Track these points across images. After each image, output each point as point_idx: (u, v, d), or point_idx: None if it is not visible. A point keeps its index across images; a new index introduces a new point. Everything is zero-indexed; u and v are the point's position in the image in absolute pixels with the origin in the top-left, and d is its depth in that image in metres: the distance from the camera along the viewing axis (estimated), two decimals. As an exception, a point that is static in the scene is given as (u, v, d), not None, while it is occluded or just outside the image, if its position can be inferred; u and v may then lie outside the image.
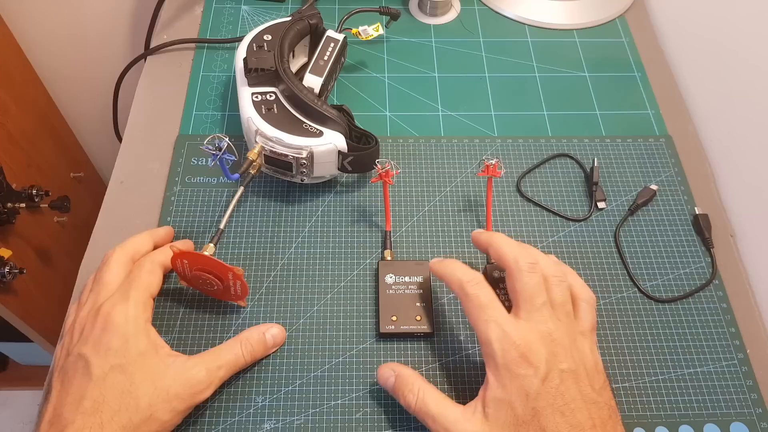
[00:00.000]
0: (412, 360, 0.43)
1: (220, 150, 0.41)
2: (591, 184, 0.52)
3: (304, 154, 0.46)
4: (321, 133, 0.46)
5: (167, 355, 0.39)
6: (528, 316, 0.36)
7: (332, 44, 0.55)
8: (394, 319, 0.44)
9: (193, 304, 0.45)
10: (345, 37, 0.56)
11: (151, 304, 0.41)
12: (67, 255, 0.96)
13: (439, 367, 0.43)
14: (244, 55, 0.50)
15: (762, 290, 0.47)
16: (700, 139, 0.56)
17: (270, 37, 0.52)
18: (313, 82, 0.52)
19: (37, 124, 0.90)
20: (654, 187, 0.52)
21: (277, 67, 0.49)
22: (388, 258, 0.47)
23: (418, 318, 0.44)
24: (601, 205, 0.51)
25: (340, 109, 0.48)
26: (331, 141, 0.46)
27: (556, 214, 0.51)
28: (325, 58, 0.54)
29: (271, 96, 0.49)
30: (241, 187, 0.46)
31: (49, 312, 0.90)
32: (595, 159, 0.53)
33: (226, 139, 0.41)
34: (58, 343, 0.42)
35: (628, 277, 0.48)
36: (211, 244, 0.43)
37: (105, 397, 0.35)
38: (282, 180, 0.51)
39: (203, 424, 0.40)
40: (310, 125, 0.47)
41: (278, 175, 0.50)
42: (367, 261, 0.48)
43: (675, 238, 0.50)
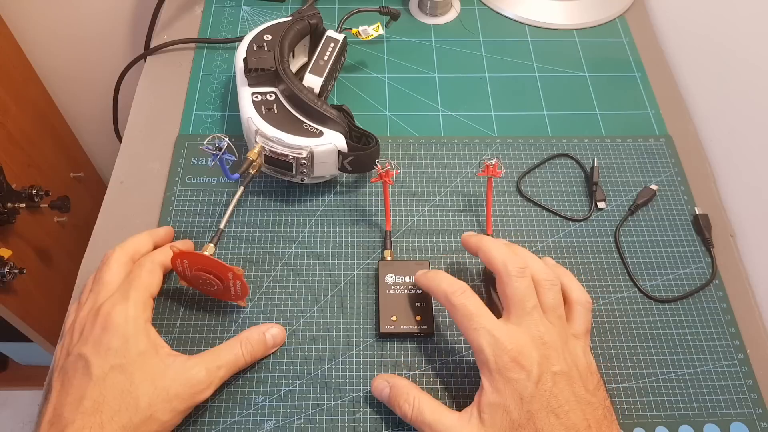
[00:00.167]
0: (411, 360, 0.43)
1: (220, 150, 0.41)
2: (591, 184, 0.52)
3: (304, 154, 0.46)
4: (321, 133, 0.46)
5: (167, 355, 0.39)
6: (519, 321, 0.37)
7: (332, 44, 0.55)
8: (394, 319, 0.44)
9: (193, 304, 0.45)
10: (345, 37, 0.56)
11: (151, 304, 0.41)
12: (67, 255, 0.96)
13: (439, 367, 0.43)
14: (244, 55, 0.50)
15: (762, 290, 0.47)
16: (700, 139, 0.56)
17: (270, 37, 0.52)
18: (313, 82, 0.52)
19: (36, 124, 0.90)
20: (654, 187, 0.52)
21: (277, 67, 0.49)
22: (388, 258, 0.47)
23: (418, 318, 0.44)
24: (601, 205, 0.51)
25: (340, 109, 0.48)
26: (331, 141, 0.46)
27: (556, 214, 0.51)
28: (325, 58, 0.54)
29: (271, 96, 0.49)
30: (241, 187, 0.46)
31: (49, 312, 0.90)
32: (595, 159, 0.53)
33: (226, 139, 0.41)
34: (58, 343, 0.42)
35: (628, 277, 0.48)
36: (211, 244, 0.43)
37: (105, 397, 0.36)
38: (282, 180, 0.51)
39: (203, 424, 0.40)
40: (310, 125, 0.47)
41: (278, 175, 0.50)
42: (367, 261, 0.48)
43: (675, 238, 0.50)
